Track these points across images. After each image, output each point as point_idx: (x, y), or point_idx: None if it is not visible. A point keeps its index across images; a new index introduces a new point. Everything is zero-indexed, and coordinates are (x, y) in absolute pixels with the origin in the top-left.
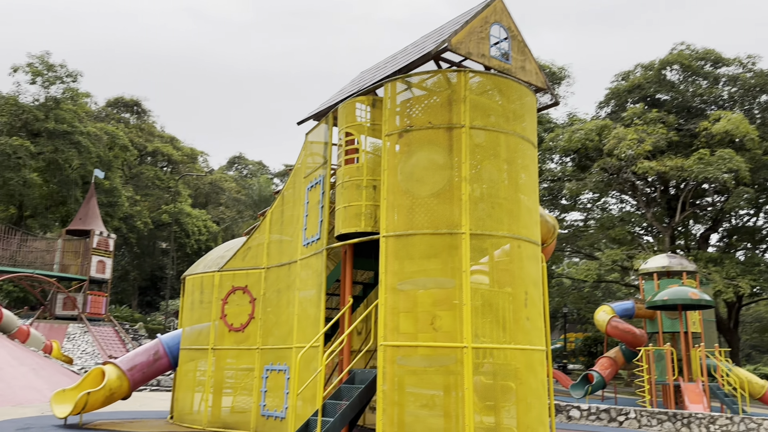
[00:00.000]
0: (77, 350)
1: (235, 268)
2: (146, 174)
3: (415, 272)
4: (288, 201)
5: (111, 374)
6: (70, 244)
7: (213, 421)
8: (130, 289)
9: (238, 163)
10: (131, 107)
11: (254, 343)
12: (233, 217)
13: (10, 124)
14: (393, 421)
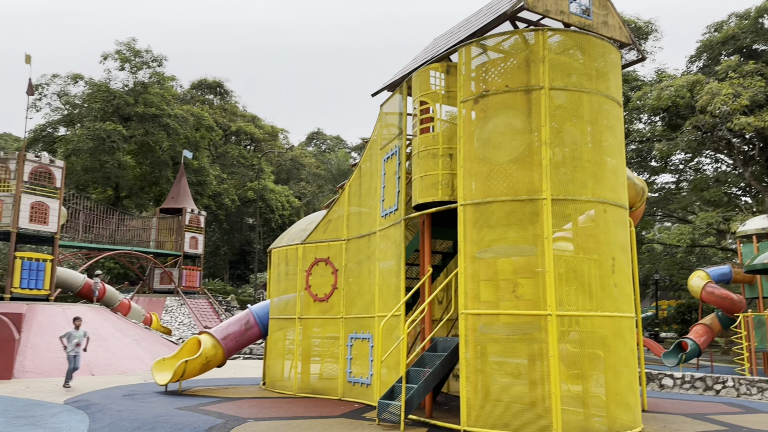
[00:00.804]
0: (175, 321)
1: (317, 241)
2: (231, 153)
3: (494, 240)
4: (365, 173)
5: (206, 343)
6: (164, 221)
7: (303, 387)
8: (221, 263)
9: (317, 138)
10: (214, 88)
11: (338, 313)
12: (313, 191)
13: (103, 110)
14: (477, 388)
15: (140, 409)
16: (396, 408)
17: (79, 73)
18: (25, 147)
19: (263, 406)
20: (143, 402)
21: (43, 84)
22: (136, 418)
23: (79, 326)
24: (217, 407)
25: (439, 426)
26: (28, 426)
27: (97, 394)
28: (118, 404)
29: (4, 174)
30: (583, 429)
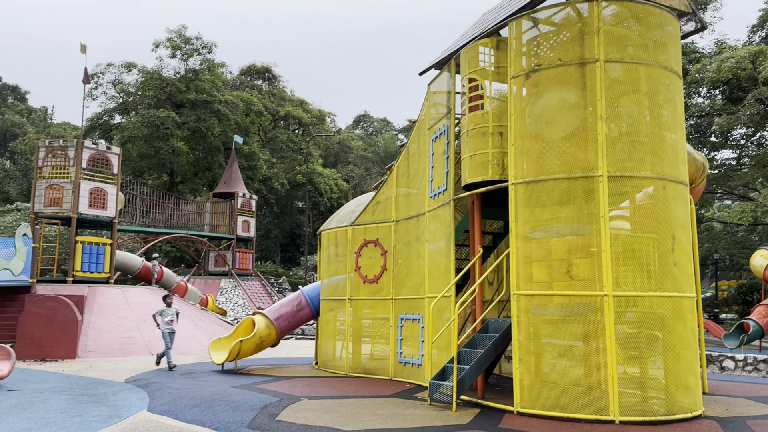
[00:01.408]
0: (229, 303)
1: (365, 222)
2: (280, 137)
3: (547, 220)
4: (413, 154)
5: (260, 324)
6: (217, 206)
7: (354, 367)
8: (272, 246)
9: (364, 121)
10: (262, 74)
11: (388, 294)
12: (361, 174)
13: (157, 97)
14: (530, 370)
15: (198, 387)
16: (447, 389)
17: (132, 61)
18: (82, 135)
19: (316, 385)
20: (200, 380)
21: (98, 73)
22: (193, 396)
23: (170, 304)
24: (272, 386)
25: (491, 407)
26: (92, 403)
27: (156, 373)
28: (177, 383)
29: (64, 161)
30: (640, 411)
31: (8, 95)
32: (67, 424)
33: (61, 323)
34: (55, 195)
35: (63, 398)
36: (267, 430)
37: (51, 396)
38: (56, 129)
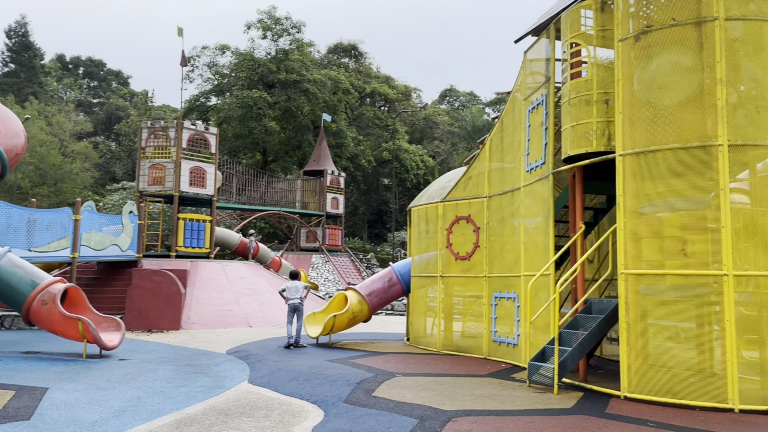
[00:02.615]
0: (320, 278)
1: (457, 198)
2: (366, 114)
3: (659, 193)
4: (507, 126)
5: (353, 299)
6: (307, 183)
7: (446, 344)
8: (359, 222)
9: (450, 95)
10: (349, 51)
11: (481, 271)
12: (447, 150)
13: (249, 78)
14: (638, 353)
15: (295, 360)
16: (548, 370)
17: (226, 43)
18: (182, 116)
19: (409, 361)
20: (297, 353)
21: (194, 56)
22: (292, 369)
23: (296, 277)
24: (366, 361)
25: (595, 391)
26: (196, 374)
27: (255, 345)
28: (275, 355)
29: (165, 141)
30: (762, 399)
31: (112, 80)
32: (173, 393)
33: (165, 296)
34: (157, 174)
35: (169, 368)
36: (364, 405)
37: (158, 366)
38: (157, 111)
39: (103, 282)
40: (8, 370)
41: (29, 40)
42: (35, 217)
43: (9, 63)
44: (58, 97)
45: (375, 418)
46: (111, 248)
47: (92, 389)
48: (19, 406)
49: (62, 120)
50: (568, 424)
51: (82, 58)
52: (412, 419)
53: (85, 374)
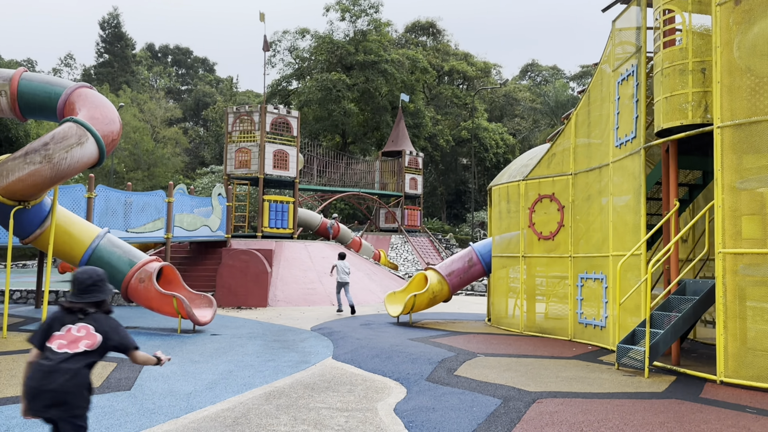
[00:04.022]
0: (400, 258)
1: (540, 176)
2: (444, 93)
3: (760, 167)
4: (594, 100)
5: (432, 279)
6: (385, 164)
7: (529, 325)
8: (438, 203)
9: (531, 71)
10: (427, 29)
11: (565, 252)
12: (529, 127)
13: (328, 61)
14: (736, 336)
15: (377, 338)
16: (638, 353)
17: (305, 27)
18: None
19: (491, 342)
20: (379, 331)
21: (275, 41)
22: (374, 347)
23: (344, 257)
24: (447, 340)
25: (689, 375)
26: (283, 349)
27: (338, 323)
28: (357, 333)
29: (250, 126)
30: None
31: (199, 67)
32: (262, 367)
33: (253, 274)
34: (243, 157)
35: (258, 343)
36: (446, 384)
37: (247, 341)
38: (241, 97)
39: (195, 261)
40: None
41: (121, 30)
42: (131, 199)
43: (103, 53)
44: (149, 85)
45: (458, 397)
46: (202, 229)
47: (186, 362)
48: (121, 378)
49: (153, 107)
50: (660, 408)
51: (170, 47)
52: (495, 399)
53: (180, 348)
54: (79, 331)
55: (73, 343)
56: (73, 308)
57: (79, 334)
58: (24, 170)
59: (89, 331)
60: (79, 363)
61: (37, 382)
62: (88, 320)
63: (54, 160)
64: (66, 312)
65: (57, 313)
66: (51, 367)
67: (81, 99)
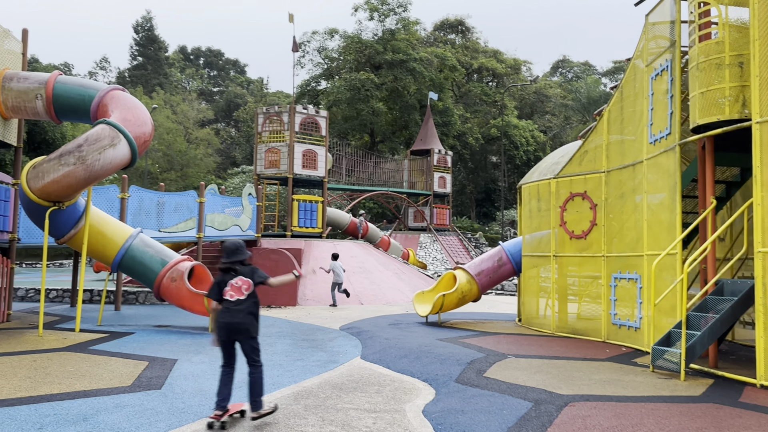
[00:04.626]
0: (428, 257)
1: (571, 174)
2: (473, 91)
3: None
4: (627, 96)
5: (461, 278)
6: (414, 163)
7: (560, 326)
8: (467, 201)
9: (562, 67)
10: (456, 27)
11: (598, 251)
12: (560, 124)
13: (357, 61)
14: None
15: (405, 338)
16: (674, 355)
17: (334, 27)
18: (294, 101)
19: (521, 343)
20: (407, 331)
21: (304, 42)
22: (402, 347)
23: (337, 258)
24: (476, 341)
25: (727, 378)
26: (312, 348)
27: (366, 322)
28: (386, 332)
29: (279, 126)
30: None
31: (230, 69)
32: (291, 367)
33: (282, 273)
34: (273, 157)
35: (287, 342)
36: (476, 386)
37: (277, 340)
38: (271, 98)
39: None
40: (142, 342)
41: (154, 33)
42: (164, 200)
43: (137, 56)
44: (181, 87)
45: (487, 399)
46: (232, 228)
47: (216, 361)
48: (152, 376)
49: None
50: (697, 412)
51: (202, 49)
52: (526, 402)
53: (210, 347)
54: (237, 283)
55: (238, 290)
56: (228, 268)
57: (239, 284)
58: (59, 172)
59: (243, 280)
60: (247, 302)
61: (226, 320)
62: (239, 273)
63: (87, 162)
64: (224, 272)
65: (219, 276)
66: (232, 310)
67: (113, 101)
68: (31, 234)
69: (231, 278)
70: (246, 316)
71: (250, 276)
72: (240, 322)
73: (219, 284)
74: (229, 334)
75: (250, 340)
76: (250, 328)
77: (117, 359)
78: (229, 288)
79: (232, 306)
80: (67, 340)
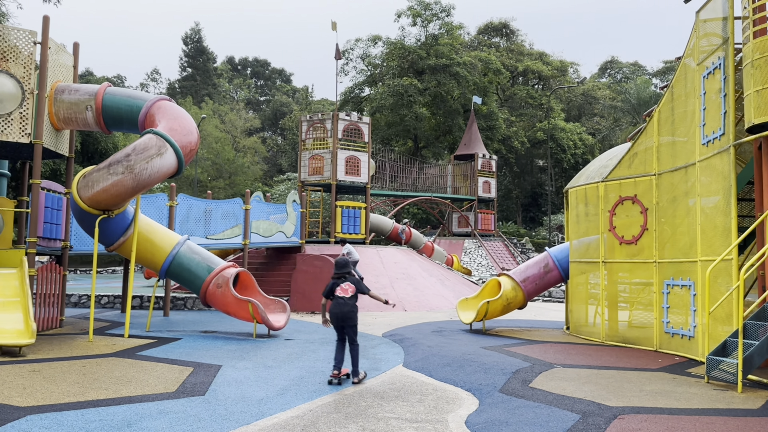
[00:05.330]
0: (473, 263)
1: (620, 177)
2: (519, 94)
3: None
4: (678, 96)
5: (506, 285)
6: (458, 168)
7: (611, 335)
8: (513, 206)
9: (611, 68)
10: (500, 30)
11: (649, 257)
12: (609, 126)
13: (400, 67)
14: None
15: (449, 345)
16: (730, 366)
17: (377, 34)
18: (337, 108)
19: (569, 352)
20: (450, 339)
21: (348, 49)
22: (445, 355)
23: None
24: (522, 349)
25: None
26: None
27: (409, 329)
28: (429, 340)
29: (323, 133)
30: None
31: (276, 78)
32: None
33: (327, 280)
34: (316, 164)
35: (329, 349)
36: (521, 396)
37: (319, 347)
38: (316, 105)
39: (270, 266)
40: (188, 347)
41: (203, 45)
42: (211, 207)
43: (186, 68)
44: (229, 97)
45: (533, 411)
46: (277, 235)
47: (260, 367)
48: (196, 382)
49: (234, 118)
50: (756, 427)
51: (249, 59)
52: (573, 414)
53: (254, 353)
54: (345, 286)
55: (345, 291)
56: (339, 276)
57: (346, 288)
58: (108, 181)
59: (349, 285)
60: (352, 300)
61: (336, 310)
62: (347, 280)
63: (135, 171)
64: (335, 279)
65: (332, 281)
66: (341, 304)
67: (160, 111)
68: (83, 242)
69: (341, 282)
70: (350, 309)
71: (355, 284)
72: (346, 312)
73: (332, 286)
74: (338, 321)
75: (351, 326)
76: (352, 317)
77: (163, 365)
78: (339, 290)
79: (340, 301)
80: (116, 346)
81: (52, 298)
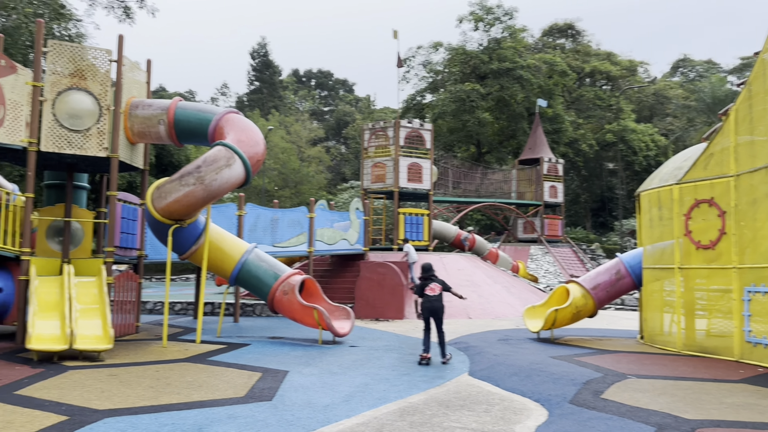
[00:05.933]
0: (540, 270)
1: (695, 179)
2: (586, 96)
3: None
4: (757, 92)
5: (575, 292)
6: (523, 173)
7: (688, 344)
8: (582, 211)
9: (683, 66)
10: (565, 31)
11: (728, 262)
12: (683, 126)
13: (462, 72)
14: None
15: (515, 354)
16: None
17: (438, 40)
18: (399, 115)
19: (643, 362)
20: (517, 348)
21: (409, 57)
22: (512, 364)
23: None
24: (593, 359)
25: None
26: (419, 363)
27: (474, 337)
28: (495, 348)
29: (385, 141)
30: None
31: (339, 88)
32: (397, 381)
33: (390, 287)
34: (379, 172)
35: (393, 356)
36: (592, 408)
37: (384, 354)
38: (378, 114)
39: (335, 273)
40: (257, 353)
41: (269, 59)
42: (277, 216)
43: (254, 81)
44: (294, 108)
45: (605, 423)
46: (341, 242)
47: (325, 374)
48: (264, 387)
49: (299, 128)
50: None
51: (313, 71)
52: (648, 426)
53: (320, 359)
54: (432, 286)
55: (433, 290)
56: (426, 278)
57: (434, 287)
58: (180, 191)
59: (436, 285)
60: (439, 297)
61: (428, 305)
62: (434, 281)
63: (206, 182)
64: (423, 280)
65: (420, 282)
66: (431, 300)
67: (229, 124)
68: (158, 251)
69: (429, 283)
70: (439, 306)
71: (441, 284)
72: (436, 307)
73: (422, 286)
74: (428, 314)
75: (440, 318)
76: (440, 311)
77: (233, 370)
78: (428, 289)
79: (431, 298)
80: (188, 351)
81: (129, 305)
